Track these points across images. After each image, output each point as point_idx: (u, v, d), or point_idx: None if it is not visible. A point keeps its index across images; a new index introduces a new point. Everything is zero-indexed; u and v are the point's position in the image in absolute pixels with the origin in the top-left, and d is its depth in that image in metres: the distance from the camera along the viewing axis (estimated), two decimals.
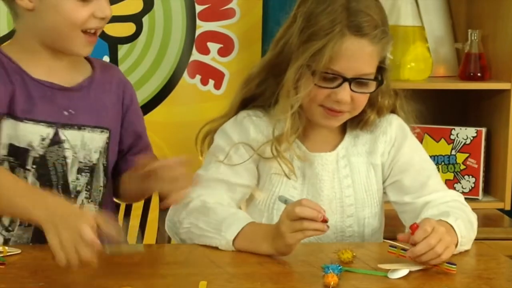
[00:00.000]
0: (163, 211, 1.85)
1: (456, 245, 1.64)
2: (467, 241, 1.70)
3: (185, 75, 2.90)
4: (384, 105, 1.83)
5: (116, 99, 1.87)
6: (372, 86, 1.76)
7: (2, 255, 1.60)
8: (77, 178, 1.81)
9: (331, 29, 1.67)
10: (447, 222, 1.65)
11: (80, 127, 1.80)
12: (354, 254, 1.61)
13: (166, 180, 1.62)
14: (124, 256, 1.59)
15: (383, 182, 1.88)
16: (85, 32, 1.75)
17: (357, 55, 1.69)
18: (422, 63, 2.79)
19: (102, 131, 1.84)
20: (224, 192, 1.79)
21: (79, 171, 1.81)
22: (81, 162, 1.81)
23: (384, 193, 1.90)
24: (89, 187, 1.83)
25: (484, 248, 1.78)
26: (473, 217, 1.77)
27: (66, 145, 1.79)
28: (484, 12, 2.90)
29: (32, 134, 1.75)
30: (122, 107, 1.88)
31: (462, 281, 1.55)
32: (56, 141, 1.78)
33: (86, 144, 1.81)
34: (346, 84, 1.71)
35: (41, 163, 1.77)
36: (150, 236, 2.10)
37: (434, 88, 2.83)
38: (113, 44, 2.87)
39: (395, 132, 1.87)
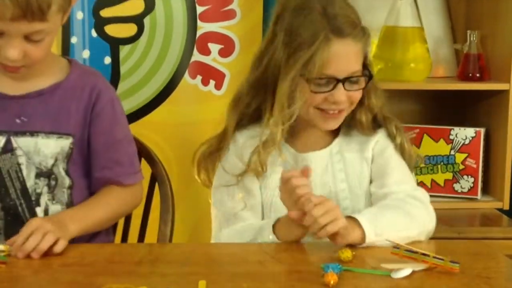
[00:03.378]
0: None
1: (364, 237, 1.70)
2: (389, 235, 1.71)
3: (186, 75, 2.91)
4: (373, 104, 1.89)
5: (85, 106, 1.88)
6: (363, 82, 1.84)
7: (4, 254, 1.61)
8: (36, 183, 1.85)
9: (316, 37, 1.75)
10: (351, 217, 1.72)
11: (33, 133, 1.84)
12: (353, 252, 1.62)
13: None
14: (126, 254, 1.60)
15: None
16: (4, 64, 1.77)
17: (344, 55, 1.78)
18: (422, 63, 2.80)
19: (59, 137, 1.86)
20: (252, 218, 1.88)
21: (38, 175, 1.85)
22: (37, 167, 1.85)
23: None
24: (51, 189, 1.86)
25: (483, 247, 1.79)
26: (418, 213, 1.80)
27: (19, 152, 1.83)
28: (483, 13, 2.91)
29: None
30: (91, 114, 1.89)
31: (461, 280, 1.56)
32: (8, 149, 1.82)
33: (40, 150, 1.84)
34: (340, 85, 1.79)
35: None
36: (152, 235, 2.11)
37: (433, 89, 2.84)
38: (114, 44, 2.87)
39: (383, 138, 1.93)
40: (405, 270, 1.56)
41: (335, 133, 1.93)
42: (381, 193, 1.86)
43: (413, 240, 1.76)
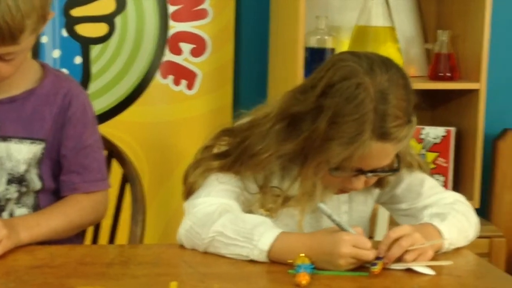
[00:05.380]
0: None
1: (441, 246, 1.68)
2: (458, 243, 1.72)
3: (158, 75, 2.90)
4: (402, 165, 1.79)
5: (58, 111, 1.87)
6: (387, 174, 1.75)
7: None
8: (7, 189, 1.84)
9: (358, 136, 1.60)
10: (433, 226, 1.69)
11: (5, 138, 1.82)
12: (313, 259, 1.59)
13: None
14: (96, 256, 1.59)
15: (377, 201, 1.89)
16: None
17: (379, 156, 1.65)
18: None
19: (32, 142, 1.84)
20: (235, 201, 1.73)
21: (9, 182, 1.84)
22: (9, 173, 1.84)
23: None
24: (20, 195, 1.85)
25: None
26: (473, 217, 1.80)
27: None
28: (453, 13, 2.93)
29: None
30: (64, 118, 1.87)
31: (432, 279, 1.56)
32: None
33: (12, 155, 1.83)
34: (362, 176, 1.69)
35: None
36: (122, 236, 2.10)
37: None
38: (85, 44, 2.86)
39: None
40: (403, 265, 1.58)
41: None
42: (421, 205, 1.81)
43: (471, 240, 1.76)
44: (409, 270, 1.59)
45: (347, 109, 1.60)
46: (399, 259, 1.59)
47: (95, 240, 2.10)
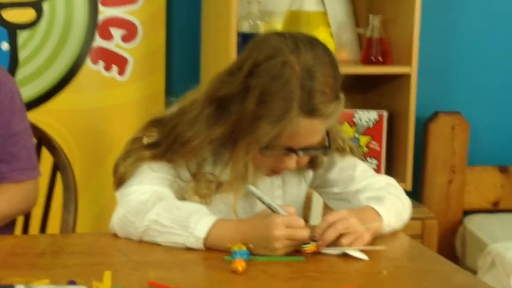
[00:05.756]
0: None
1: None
2: (395, 225, 1.73)
3: (88, 61, 2.86)
4: (333, 148, 1.79)
5: None
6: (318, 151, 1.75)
7: None
8: None
9: (286, 114, 1.59)
10: (373, 209, 1.69)
11: None
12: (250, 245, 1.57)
13: None
14: (27, 246, 1.56)
15: (310, 185, 1.88)
16: None
17: (308, 133, 1.65)
18: None
19: None
20: (168, 188, 1.71)
21: None
22: None
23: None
24: None
25: None
26: (406, 200, 1.82)
27: None
28: None
29: None
30: None
31: (367, 263, 1.57)
32: None
33: None
34: (293, 155, 1.68)
35: None
36: (54, 225, 2.06)
37: None
38: (12, 30, 2.79)
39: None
40: (337, 249, 1.58)
41: None
42: (353, 189, 1.81)
43: (406, 222, 1.77)
44: (344, 255, 1.59)
45: (274, 88, 1.60)
46: (336, 243, 1.60)
47: (25, 230, 2.06)
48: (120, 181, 1.72)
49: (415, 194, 3.05)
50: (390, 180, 1.86)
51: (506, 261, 2.78)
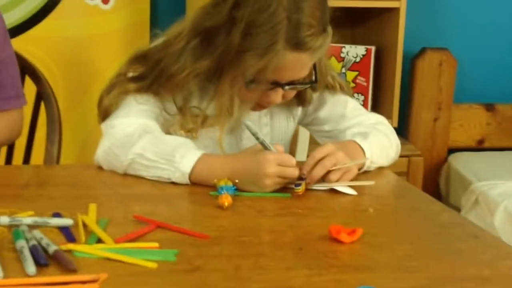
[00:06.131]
0: None
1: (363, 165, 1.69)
2: (380, 161, 1.73)
3: None
4: (322, 85, 1.78)
5: None
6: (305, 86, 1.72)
7: None
8: None
9: (273, 46, 1.57)
10: (357, 143, 1.69)
11: None
12: (237, 180, 1.55)
13: None
14: (11, 177, 1.54)
15: (300, 123, 1.87)
16: None
17: (295, 67, 1.62)
18: None
19: None
20: (154, 121, 1.68)
21: None
22: None
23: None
24: None
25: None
26: (394, 138, 1.81)
27: None
28: None
29: None
30: None
31: (354, 199, 1.57)
32: None
33: None
34: (279, 89, 1.66)
35: None
36: (38, 156, 2.04)
37: None
38: None
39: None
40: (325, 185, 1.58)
41: None
42: (343, 127, 1.80)
43: (392, 161, 1.77)
44: (331, 190, 1.59)
45: (260, 19, 1.58)
46: (323, 179, 1.59)
47: (9, 160, 2.04)
48: (105, 114, 1.70)
49: (401, 131, 3.05)
50: (381, 118, 1.85)
51: (490, 199, 2.80)
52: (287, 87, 1.66)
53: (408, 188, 1.75)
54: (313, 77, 1.71)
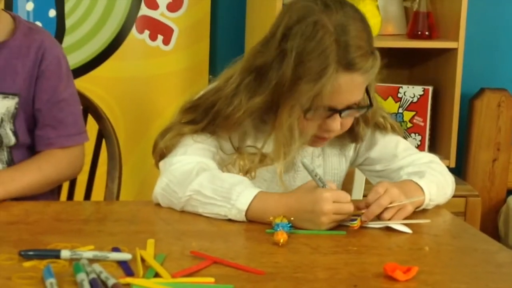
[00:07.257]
0: None
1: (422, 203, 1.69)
2: (438, 199, 1.73)
3: (134, 30, 2.87)
4: (370, 119, 1.80)
5: (31, 64, 1.83)
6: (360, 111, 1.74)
7: None
8: None
9: (325, 70, 1.60)
10: (414, 182, 1.69)
11: None
12: (292, 218, 1.56)
13: None
14: (72, 212, 1.57)
15: (352, 164, 1.88)
16: None
17: (349, 89, 1.64)
18: (371, 21, 2.73)
19: (5, 97, 1.81)
20: (211, 159, 1.71)
21: None
22: None
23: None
24: None
25: None
26: (449, 176, 1.81)
27: None
28: None
29: None
30: (37, 72, 1.84)
31: (409, 238, 1.57)
32: None
33: None
34: (337, 115, 1.67)
35: None
36: (98, 192, 2.08)
37: (382, 46, 2.79)
38: None
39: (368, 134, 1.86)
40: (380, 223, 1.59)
41: None
42: (395, 166, 1.81)
43: (448, 199, 1.77)
44: (387, 228, 1.59)
45: (309, 47, 1.61)
46: (378, 217, 1.59)
47: (70, 196, 2.08)
48: (160, 156, 1.73)
49: (459, 171, 3.03)
50: (433, 157, 1.84)
51: None
52: (344, 113, 1.68)
53: (464, 228, 1.73)
54: (368, 102, 1.72)
